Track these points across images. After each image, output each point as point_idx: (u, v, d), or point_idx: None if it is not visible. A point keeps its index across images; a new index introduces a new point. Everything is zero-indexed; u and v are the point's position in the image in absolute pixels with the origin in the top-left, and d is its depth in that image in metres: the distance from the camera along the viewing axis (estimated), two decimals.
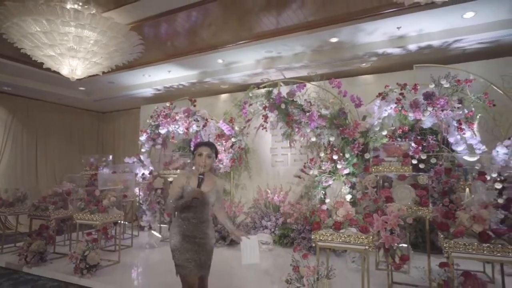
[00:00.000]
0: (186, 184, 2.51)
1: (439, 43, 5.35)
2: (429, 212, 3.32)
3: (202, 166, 2.53)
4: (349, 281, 3.90)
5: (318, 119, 5.43)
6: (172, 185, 2.58)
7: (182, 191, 2.49)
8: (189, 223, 2.51)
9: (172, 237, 2.54)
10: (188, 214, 2.51)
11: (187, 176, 2.57)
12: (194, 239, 2.50)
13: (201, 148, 2.58)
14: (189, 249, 2.49)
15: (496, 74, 5.23)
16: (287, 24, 5.27)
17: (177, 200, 2.48)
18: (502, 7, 4.57)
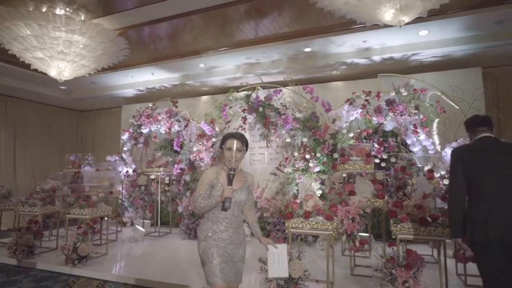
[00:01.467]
0: (215, 181, 2.23)
1: (400, 56, 6.03)
2: (385, 204, 3.91)
3: (232, 161, 2.24)
4: (318, 265, 4.44)
5: (292, 121, 5.96)
6: (200, 182, 2.27)
7: (210, 189, 2.24)
8: (219, 225, 2.23)
9: (201, 242, 2.25)
10: (219, 215, 2.23)
11: (216, 172, 2.28)
12: (225, 244, 2.22)
13: (230, 141, 2.28)
14: (220, 255, 2.20)
15: (446, 84, 5.95)
16: (265, 34, 5.75)
17: (205, 199, 2.21)
18: (451, 28, 5.27)
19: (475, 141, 2.55)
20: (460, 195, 2.40)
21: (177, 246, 5.83)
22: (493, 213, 2.24)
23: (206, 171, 2.34)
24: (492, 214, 2.24)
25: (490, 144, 2.45)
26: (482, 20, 5.06)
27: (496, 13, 4.86)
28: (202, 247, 2.24)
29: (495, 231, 2.21)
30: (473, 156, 2.43)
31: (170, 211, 7.17)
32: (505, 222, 2.21)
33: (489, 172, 2.35)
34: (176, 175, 7.07)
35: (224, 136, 2.36)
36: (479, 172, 2.36)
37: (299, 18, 5.21)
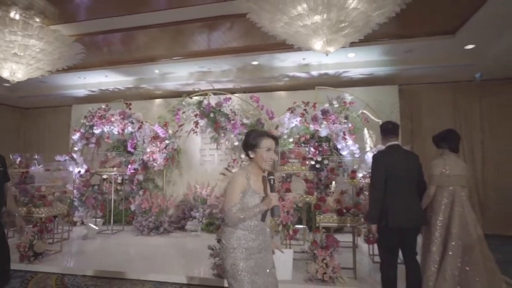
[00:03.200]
0: (247, 186, 2.00)
1: (333, 72, 6.99)
2: (314, 199, 4.74)
3: (271, 163, 2.05)
4: None
5: (240, 126, 6.64)
6: (231, 191, 2.01)
7: (242, 196, 2.00)
8: (251, 234, 2.03)
9: (229, 254, 2.01)
10: (250, 222, 2.03)
11: (245, 176, 2.03)
12: (255, 254, 2.03)
13: (269, 141, 2.05)
14: (252, 268, 2.01)
15: (371, 98, 7.03)
16: (216, 47, 6.33)
17: (244, 210, 1.97)
18: (373, 52, 6.32)
19: (388, 147, 3.25)
20: (382, 191, 3.04)
21: (131, 242, 6.19)
22: (398, 205, 3.01)
23: (234, 177, 2.06)
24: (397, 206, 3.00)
25: (399, 150, 3.23)
26: (396, 49, 6.17)
27: (406, 45, 5.98)
28: (231, 260, 2.00)
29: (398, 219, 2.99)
30: (390, 159, 3.13)
31: (122, 209, 7.44)
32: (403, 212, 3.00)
33: (400, 173, 3.09)
34: (129, 175, 7.37)
35: (257, 135, 2.09)
36: (394, 172, 3.07)
37: (247, 35, 5.87)
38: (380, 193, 3.06)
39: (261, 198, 2.01)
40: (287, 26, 4.36)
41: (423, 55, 6.40)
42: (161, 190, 7.58)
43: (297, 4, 3.98)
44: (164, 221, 6.76)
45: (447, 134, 3.46)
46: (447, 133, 3.47)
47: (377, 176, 3.10)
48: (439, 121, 7.68)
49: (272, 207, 1.96)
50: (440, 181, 3.22)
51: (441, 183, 3.22)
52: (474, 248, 2.99)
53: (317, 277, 3.71)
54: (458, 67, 6.66)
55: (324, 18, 4.01)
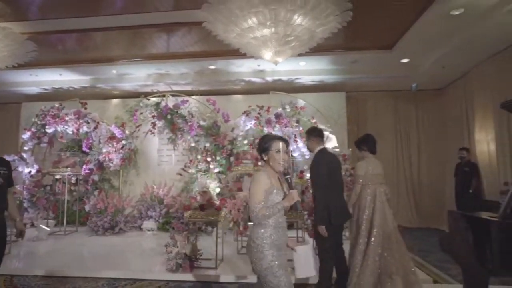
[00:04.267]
0: (270, 185, 2.13)
1: (286, 79, 7.45)
2: None
3: (282, 163, 2.19)
4: (213, 248, 5.44)
5: (197, 128, 6.88)
6: (256, 190, 2.13)
7: (266, 195, 2.12)
8: (280, 230, 2.15)
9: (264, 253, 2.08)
10: (279, 219, 2.16)
11: (267, 176, 2.17)
12: (283, 249, 2.18)
13: (279, 144, 2.22)
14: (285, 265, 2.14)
15: (321, 104, 7.58)
16: (174, 51, 6.51)
17: (269, 207, 2.08)
18: (322, 62, 6.85)
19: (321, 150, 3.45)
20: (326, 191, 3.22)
21: (84, 242, 6.19)
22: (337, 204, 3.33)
23: (257, 178, 2.18)
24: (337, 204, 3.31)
25: (329, 152, 3.56)
26: (343, 59, 6.75)
27: (351, 56, 6.58)
28: (270, 257, 2.07)
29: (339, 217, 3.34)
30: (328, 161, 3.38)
31: (76, 210, 7.36)
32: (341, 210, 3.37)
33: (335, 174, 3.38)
34: (84, 175, 7.31)
35: (269, 139, 2.27)
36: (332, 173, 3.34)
37: (204, 41, 6.11)
38: (326, 194, 3.25)
39: (282, 195, 2.16)
40: (239, 37, 4.69)
41: (367, 66, 7.03)
42: (117, 190, 7.59)
43: (248, 18, 4.31)
44: (120, 221, 6.82)
45: (366, 138, 3.84)
46: (366, 137, 3.85)
47: (322, 178, 3.27)
48: (382, 125, 8.45)
49: (294, 203, 2.11)
50: (365, 180, 3.69)
51: (366, 182, 3.68)
52: (391, 237, 3.50)
53: None
54: (396, 77, 7.40)
55: (273, 31, 4.39)
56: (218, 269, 4.41)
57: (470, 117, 6.98)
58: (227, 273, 4.32)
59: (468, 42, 5.49)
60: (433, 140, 8.27)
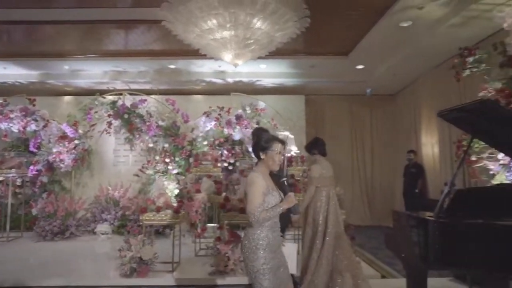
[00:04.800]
0: (266, 187, 2.11)
1: (247, 80, 7.52)
2: (221, 199, 5.11)
3: (279, 165, 2.20)
4: (170, 251, 5.35)
5: (156, 128, 6.73)
6: (254, 192, 2.08)
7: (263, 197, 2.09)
8: (275, 232, 2.15)
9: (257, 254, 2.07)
10: (274, 219, 2.15)
11: (263, 178, 2.14)
12: (278, 250, 2.17)
13: (280, 145, 2.19)
14: (281, 264, 2.16)
15: (281, 106, 7.73)
16: (132, 48, 6.32)
17: (268, 209, 2.06)
18: (282, 65, 7.00)
19: None
20: None
21: (30, 249, 5.80)
22: None
23: (253, 180, 2.12)
24: None
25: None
26: (302, 63, 6.94)
27: (310, 61, 6.79)
28: (262, 259, 2.06)
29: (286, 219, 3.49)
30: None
31: (22, 214, 6.86)
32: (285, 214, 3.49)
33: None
34: (31, 176, 6.84)
35: (269, 139, 2.21)
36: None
37: (164, 39, 5.97)
38: None
39: (278, 196, 2.15)
40: (199, 37, 4.67)
41: (325, 70, 7.29)
42: (69, 192, 7.20)
43: (208, 20, 4.31)
44: (71, 225, 6.47)
45: (316, 141, 3.93)
46: (315, 141, 3.95)
47: None
48: (339, 128, 8.80)
49: (293, 205, 2.12)
50: (319, 182, 3.81)
51: (320, 184, 3.80)
52: (342, 235, 3.67)
53: (220, 269, 4.09)
54: (352, 83, 7.74)
55: (232, 34, 4.41)
56: (175, 272, 4.34)
57: (418, 122, 7.49)
58: (184, 275, 4.27)
59: (416, 52, 5.89)
60: (385, 142, 8.76)
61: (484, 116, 2.38)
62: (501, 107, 2.37)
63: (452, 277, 4.12)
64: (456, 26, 4.74)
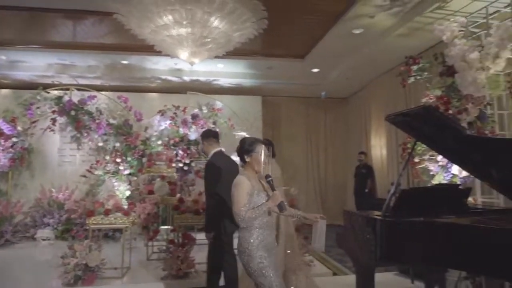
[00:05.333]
0: (252, 188, 2.18)
1: (204, 79, 7.41)
2: (175, 200, 4.96)
3: (264, 166, 2.29)
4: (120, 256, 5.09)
5: (106, 127, 6.36)
6: (239, 193, 2.15)
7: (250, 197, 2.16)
8: (266, 231, 2.19)
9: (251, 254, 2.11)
10: (263, 219, 2.18)
11: (247, 179, 2.21)
12: (271, 251, 2.21)
13: (260, 147, 2.26)
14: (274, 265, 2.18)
15: (238, 106, 7.70)
16: (81, 40, 5.92)
17: (253, 210, 2.11)
18: (240, 65, 6.99)
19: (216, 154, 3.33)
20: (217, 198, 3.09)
21: None
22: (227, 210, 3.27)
23: (239, 181, 2.19)
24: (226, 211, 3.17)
25: (225, 156, 3.48)
26: (260, 64, 6.98)
27: (267, 62, 6.85)
28: (258, 259, 2.10)
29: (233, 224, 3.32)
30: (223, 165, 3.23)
31: None
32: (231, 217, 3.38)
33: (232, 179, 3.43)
34: None
35: (252, 142, 2.29)
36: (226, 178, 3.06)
37: (117, 33, 5.66)
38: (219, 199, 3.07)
39: (265, 196, 2.20)
40: (154, 33, 4.51)
41: (282, 72, 7.40)
42: (5, 195, 6.57)
43: (164, 15, 4.17)
44: (7, 231, 5.90)
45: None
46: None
47: (215, 181, 3.15)
48: (294, 129, 8.99)
49: (279, 203, 2.13)
50: None
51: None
52: (293, 236, 3.71)
53: (173, 273, 3.96)
54: (308, 85, 7.95)
55: (189, 31, 4.32)
56: (124, 278, 4.14)
57: (368, 125, 7.89)
58: (134, 281, 4.09)
59: (367, 59, 6.19)
60: (338, 144, 9.12)
61: (426, 121, 2.54)
62: (440, 113, 2.55)
63: (397, 271, 4.37)
64: (402, 36, 5.05)
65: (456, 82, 3.54)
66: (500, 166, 2.57)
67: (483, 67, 3.37)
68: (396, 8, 4.48)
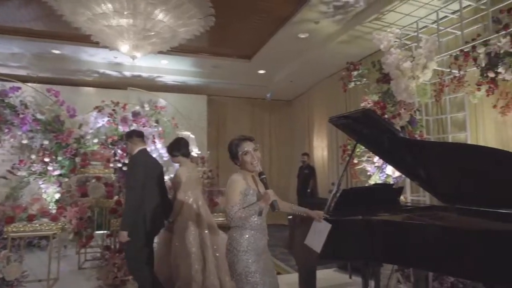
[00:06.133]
0: (246, 187, 2.10)
1: (147, 75, 7.06)
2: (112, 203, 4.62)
3: (254, 164, 2.10)
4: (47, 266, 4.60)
5: (32, 122, 5.71)
6: (232, 192, 2.07)
7: (243, 196, 2.08)
8: (259, 233, 2.09)
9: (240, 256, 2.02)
10: (257, 221, 2.08)
11: (243, 178, 2.13)
12: (262, 254, 2.11)
13: (243, 145, 2.12)
14: (263, 270, 2.05)
15: (182, 105, 7.46)
16: (3, 24, 5.25)
17: (245, 209, 2.03)
18: (185, 63, 6.78)
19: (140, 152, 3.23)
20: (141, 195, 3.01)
21: None
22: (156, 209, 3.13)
23: (233, 179, 2.12)
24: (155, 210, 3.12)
25: (149, 155, 3.42)
26: (204, 63, 6.84)
27: (214, 61, 6.73)
28: (244, 262, 2.00)
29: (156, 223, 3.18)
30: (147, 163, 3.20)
31: None
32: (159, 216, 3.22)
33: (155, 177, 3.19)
34: None
35: (233, 144, 2.17)
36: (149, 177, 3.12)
37: (47, 19, 5.12)
38: (140, 198, 3.04)
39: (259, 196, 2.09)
40: (91, 22, 4.17)
41: (228, 72, 7.34)
42: None
43: (102, 3, 3.86)
44: None
45: (178, 142, 3.53)
46: (178, 141, 3.55)
47: (136, 179, 3.07)
48: (240, 130, 8.93)
49: (271, 202, 1.99)
50: (187, 186, 3.45)
51: (188, 188, 3.45)
52: (218, 236, 3.57)
53: (108, 282, 3.67)
54: (254, 86, 8.00)
55: (130, 23, 4.05)
56: None
57: (311, 127, 8.17)
58: None
59: (311, 63, 6.40)
60: (283, 145, 9.31)
61: (365, 123, 2.67)
62: (379, 117, 2.69)
63: (336, 267, 4.57)
64: (344, 43, 5.31)
65: (391, 89, 3.80)
66: (426, 166, 2.80)
67: (413, 76, 3.67)
68: (339, 16, 4.68)
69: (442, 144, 3.22)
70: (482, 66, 3.31)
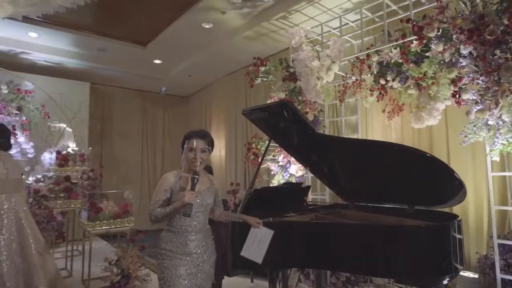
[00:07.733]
0: (175, 185, 1.98)
1: (7, 49, 5.59)
2: None
3: (195, 164, 1.96)
4: None
5: None
6: (157, 188, 2.00)
7: (169, 194, 1.96)
8: (184, 236, 1.93)
9: (162, 259, 1.92)
10: (184, 223, 1.93)
11: (175, 175, 2.03)
12: (192, 259, 1.93)
13: (191, 141, 2.00)
14: (186, 272, 1.90)
15: (56, 91, 6.15)
16: None
17: (162, 207, 1.92)
18: (62, 39, 5.59)
19: None
20: None
21: None
22: None
23: (164, 175, 2.07)
24: None
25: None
26: (88, 43, 5.78)
27: (100, 42, 5.74)
28: (163, 266, 1.91)
29: None
30: None
31: None
32: None
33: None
34: None
35: (186, 135, 2.07)
36: None
37: None
38: None
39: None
40: None
41: (117, 58, 6.41)
42: None
43: None
44: None
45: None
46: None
47: None
48: (129, 125, 8.03)
49: (184, 204, 1.83)
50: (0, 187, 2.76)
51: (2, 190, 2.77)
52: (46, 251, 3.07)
53: None
54: (148, 78, 7.23)
55: None
56: None
57: (208, 125, 7.85)
58: None
59: (213, 57, 6.07)
60: (177, 144, 8.67)
61: (281, 117, 2.50)
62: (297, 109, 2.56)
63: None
64: (249, 39, 5.17)
65: (297, 87, 3.79)
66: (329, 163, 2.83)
67: (318, 77, 3.74)
68: (246, 9, 4.50)
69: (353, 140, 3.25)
70: (375, 73, 3.57)
